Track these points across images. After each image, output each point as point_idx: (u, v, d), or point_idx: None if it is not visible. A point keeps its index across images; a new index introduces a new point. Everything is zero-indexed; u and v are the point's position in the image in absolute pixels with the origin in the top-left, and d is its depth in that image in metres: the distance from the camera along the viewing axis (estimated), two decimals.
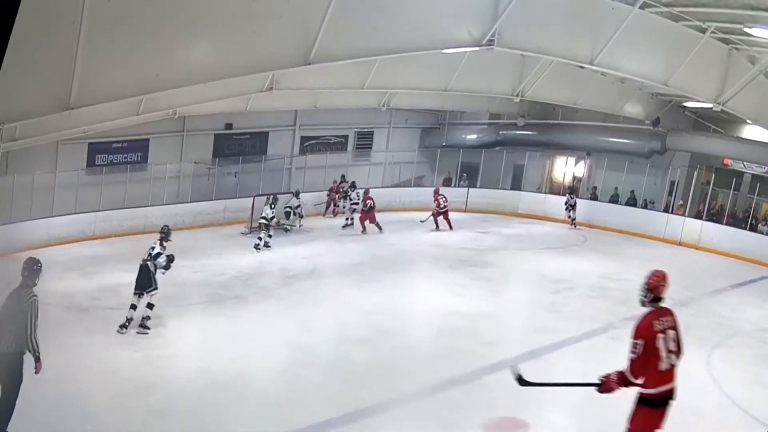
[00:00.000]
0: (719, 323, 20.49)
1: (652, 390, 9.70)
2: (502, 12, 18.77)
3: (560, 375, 15.70)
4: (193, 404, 13.00)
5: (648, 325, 9.66)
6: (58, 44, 12.60)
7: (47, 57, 12.57)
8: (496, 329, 18.60)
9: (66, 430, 11.60)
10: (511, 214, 37.58)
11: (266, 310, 18.98)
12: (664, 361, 9.54)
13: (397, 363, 15.76)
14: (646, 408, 9.89)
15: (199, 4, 14.27)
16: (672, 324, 9.73)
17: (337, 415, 12.76)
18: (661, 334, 9.55)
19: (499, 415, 13.24)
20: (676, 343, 9.70)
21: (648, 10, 20.94)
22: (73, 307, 18.04)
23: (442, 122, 42.62)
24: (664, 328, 9.63)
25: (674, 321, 9.78)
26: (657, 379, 9.63)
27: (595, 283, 24.25)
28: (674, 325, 9.74)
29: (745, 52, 24.09)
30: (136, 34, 13.61)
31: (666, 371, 9.62)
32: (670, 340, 9.60)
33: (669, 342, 9.58)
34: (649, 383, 9.65)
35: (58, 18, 12.18)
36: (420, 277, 23.85)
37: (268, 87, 24.79)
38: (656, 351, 9.48)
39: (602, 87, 32.66)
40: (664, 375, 9.64)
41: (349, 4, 16.10)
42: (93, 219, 27.56)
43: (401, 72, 27.12)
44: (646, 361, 9.52)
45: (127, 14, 13.11)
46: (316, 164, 36.09)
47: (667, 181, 37.10)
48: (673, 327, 9.70)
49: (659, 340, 9.50)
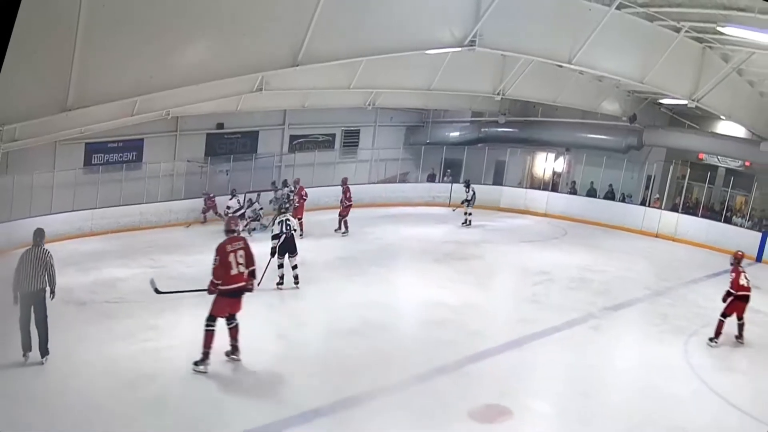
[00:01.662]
0: (696, 312, 20.54)
1: (226, 286, 13.95)
2: (483, 14, 18.81)
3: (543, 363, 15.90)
4: (188, 394, 13.02)
5: (223, 247, 14.06)
6: (56, 48, 12.62)
7: (45, 61, 12.58)
8: (481, 320, 18.57)
9: (67, 420, 11.60)
10: (493, 209, 37.56)
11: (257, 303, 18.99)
12: (233, 268, 13.97)
13: (385, 354, 15.76)
14: (224, 297, 14.03)
15: (191, 9, 14.28)
16: (242, 246, 14.32)
17: (326, 404, 12.79)
18: (232, 253, 14.04)
19: (483, 403, 13.25)
20: (243, 257, 14.19)
21: (624, 11, 20.99)
22: (71, 301, 17.99)
23: (426, 120, 42.75)
24: (235, 249, 14.12)
25: (245, 244, 14.45)
26: (230, 279, 13.95)
27: (575, 275, 24.26)
28: (244, 246, 14.35)
29: (718, 50, 24.17)
30: (131, 38, 13.62)
31: (236, 275, 14.03)
32: (239, 256, 14.08)
33: (238, 257, 14.05)
34: (225, 282, 13.91)
35: (55, 23, 12.19)
36: (406, 270, 23.79)
37: (258, 88, 24.85)
38: (228, 263, 13.92)
39: (580, 85, 32.76)
40: (235, 277, 14.03)
41: (335, 8, 16.12)
42: (90, 216, 27.63)
43: (386, 72, 27.19)
44: (222, 269, 13.88)
45: (122, 19, 13.13)
46: (305, 162, 36.12)
47: (644, 176, 37.22)
48: (242, 248, 14.26)
49: (230, 256, 14.00)
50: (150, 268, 22.28)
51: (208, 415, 12.16)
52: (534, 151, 41.62)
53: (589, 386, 14.56)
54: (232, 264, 14.00)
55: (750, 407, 13.80)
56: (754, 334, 18.90)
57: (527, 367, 15.61)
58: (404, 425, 12.33)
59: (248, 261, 14.36)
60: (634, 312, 20.67)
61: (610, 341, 17.81)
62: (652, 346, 17.36)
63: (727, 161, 35.38)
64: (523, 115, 40.35)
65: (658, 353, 16.83)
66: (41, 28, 11.66)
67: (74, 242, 25.24)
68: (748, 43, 21.53)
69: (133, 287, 19.88)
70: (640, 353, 16.82)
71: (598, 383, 14.89)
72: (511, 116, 40.26)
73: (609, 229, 33.76)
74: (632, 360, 16.35)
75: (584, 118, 37.66)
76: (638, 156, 37.19)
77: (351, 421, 12.37)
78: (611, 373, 15.68)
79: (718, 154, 35.28)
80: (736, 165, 35.14)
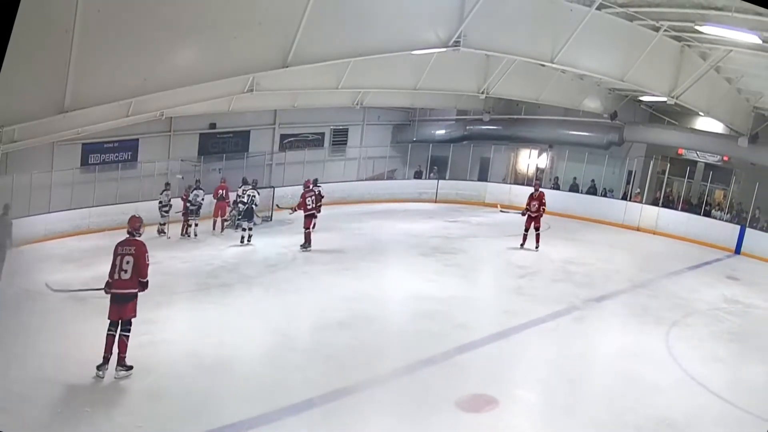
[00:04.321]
0: (676, 303, 20.67)
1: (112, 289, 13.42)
2: (468, 15, 18.82)
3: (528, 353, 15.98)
4: (183, 386, 13.03)
5: (115, 247, 13.62)
6: (53, 52, 12.62)
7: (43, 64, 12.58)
8: (468, 312, 18.63)
9: (65, 411, 11.65)
10: (478, 204, 37.78)
11: (251, 297, 18.99)
12: (116, 273, 13.38)
13: (375, 345, 15.87)
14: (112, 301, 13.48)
15: (184, 12, 14.28)
16: (131, 252, 13.47)
17: (318, 395, 12.83)
18: (120, 256, 13.43)
19: (470, 392, 13.30)
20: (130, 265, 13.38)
21: (604, 11, 21.02)
22: (70, 296, 18.03)
23: (413, 119, 42.96)
24: (124, 253, 13.45)
25: (136, 252, 13.51)
26: (114, 283, 13.42)
27: (558, 268, 24.35)
28: (134, 254, 13.46)
29: (696, 48, 24.22)
30: (126, 42, 13.62)
31: (117, 280, 13.41)
32: (125, 261, 13.37)
33: (124, 262, 13.37)
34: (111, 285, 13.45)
35: (52, 27, 12.19)
36: (395, 264, 23.88)
37: (249, 88, 24.83)
38: (114, 265, 13.41)
39: (562, 84, 32.80)
40: (117, 282, 13.41)
41: (323, 11, 16.13)
42: (87, 214, 27.71)
43: (373, 72, 27.18)
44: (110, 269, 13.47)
45: (117, 23, 13.13)
46: (295, 160, 36.20)
47: (625, 171, 37.50)
48: (131, 254, 13.43)
49: (117, 258, 13.42)
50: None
51: (202, 407, 12.20)
52: (518, 148, 41.80)
53: (572, 376, 14.63)
54: (116, 267, 13.38)
55: (731, 396, 13.92)
56: (734, 324, 19.11)
57: (513, 357, 15.68)
58: (393, 415, 12.39)
59: (137, 270, 13.42)
60: (617, 303, 20.74)
61: (594, 332, 17.88)
62: (634, 337, 17.44)
63: (706, 156, 35.57)
64: (507, 113, 40.52)
65: (640, 343, 16.91)
66: (38, 33, 11.69)
67: (72, 239, 25.25)
68: (726, 42, 21.59)
69: None
70: (623, 344, 16.90)
71: (582, 373, 14.96)
72: (495, 114, 40.49)
73: (591, 223, 33.86)
74: (615, 350, 16.42)
75: (566, 115, 37.78)
76: (619, 152, 37.36)
77: (342, 411, 12.43)
78: (594, 363, 15.74)
79: (697, 150, 35.44)
80: (715, 160, 35.31)
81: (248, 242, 26.21)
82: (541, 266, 24.42)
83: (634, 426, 12.36)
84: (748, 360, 16.43)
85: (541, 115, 38.81)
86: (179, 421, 11.71)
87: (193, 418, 11.77)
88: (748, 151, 31.66)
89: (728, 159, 34.33)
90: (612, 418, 12.66)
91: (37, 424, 11.18)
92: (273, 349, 15.23)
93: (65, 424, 11.31)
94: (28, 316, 16.18)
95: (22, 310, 16.75)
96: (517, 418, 12.64)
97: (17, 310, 16.54)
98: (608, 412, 12.88)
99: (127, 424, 11.45)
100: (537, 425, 12.48)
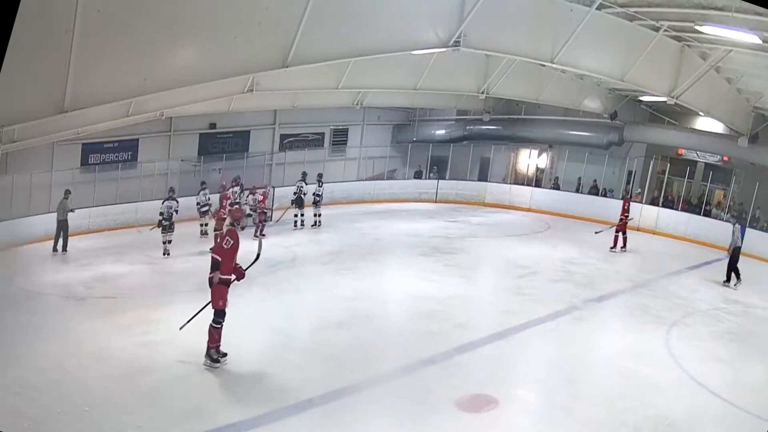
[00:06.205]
0: (676, 303, 20.69)
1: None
2: (468, 15, 18.84)
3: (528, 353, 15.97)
4: (183, 386, 13.03)
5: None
6: (53, 53, 12.62)
7: (43, 64, 12.60)
8: (468, 312, 18.66)
9: (66, 411, 11.63)
10: (478, 204, 37.86)
11: (251, 297, 18.98)
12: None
13: (374, 345, 15.86)
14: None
15: (183, 13, 14.28)
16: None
17: (318, 395, 12.83)
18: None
19: (470, 392, 13.30)
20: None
21: (604, 11, 21.04)
22: (69, 296, 18.04)
23: (413, 119, 42.95)
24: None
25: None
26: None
27: (558, 267, 24.39)
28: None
29: (696, 48, 24.23)
30: (126, 42, 13.63)
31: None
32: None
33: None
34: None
35: (52, 27, 12.19)
36: (395, 264, 23.96)
37: (249, 88, 24.85)
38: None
39: (562, 83, 32.82)
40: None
41: (323, 11, 16.13)
42: (87, 214, 27.55)
43: (373, 72, 27.21)
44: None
45: (116, 23, 13.13)
46: (295, 160, 36.03)
47: (625, 171, 37.41)
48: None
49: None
50: (146, 264, 22.38)
51: (202, 406, 12.21)
52: (518, 148, 41.82)
53: (572, 376, 14.63)
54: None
55: (730, 395, 13.93)
56: (734, 324, 19.09)
57: (512, 357, 15.68)
58: (393, 415, 12.40)
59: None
60: (617, 303, 20.80)
61: (593, 332, 17.88)
62: (634, 337, 17.46)
63: (706, 156, 35.61)
64: (507, 113, 40.52)
65: (640, 343, 16.91)
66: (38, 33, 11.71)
67: (72, 239, 25.15)
68: (726, 42, 21.60)
69: (129, 283, 19.96)
70: (623, 343, 16.90)
71: (582, 373, 14.96)
72: (495, 114, 40.48)
73: (591, 223, 33.80)
74: (614, 350, 16.42)
75: (566, 115, 37.79)
76: (619, 152, 37.40)
77: (342, 410, 12.42)
78: (594, 362, 15.75)
79: (697, 150, 35.48)
80: (715, 160, 35.33)
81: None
82: (541, 266, 24.44)
83: (633, 426, 12.35)
84: (748, 360, 16.45)
85: (541, 115, 38.83)
86: (179, 421, 11.70)
87: (193, 418, 11.77)
88: (748, 151, 31.70)
89: (728, 159, 34.36)
90: (611, 418, 12.65)
91: (37, 424, 11.18)
92: (273, 349, 15.23)
93: (65, 424, 11.32)
94: (28, 316, 16.17)
95: (22, 310, 16.72)
96: (516, 418, 12.63)
97: (17, 310, 16.55)
98: (608, 412, 12.87)
99: (127, 424, 11.43)
100: (537, 425, 12.48)
